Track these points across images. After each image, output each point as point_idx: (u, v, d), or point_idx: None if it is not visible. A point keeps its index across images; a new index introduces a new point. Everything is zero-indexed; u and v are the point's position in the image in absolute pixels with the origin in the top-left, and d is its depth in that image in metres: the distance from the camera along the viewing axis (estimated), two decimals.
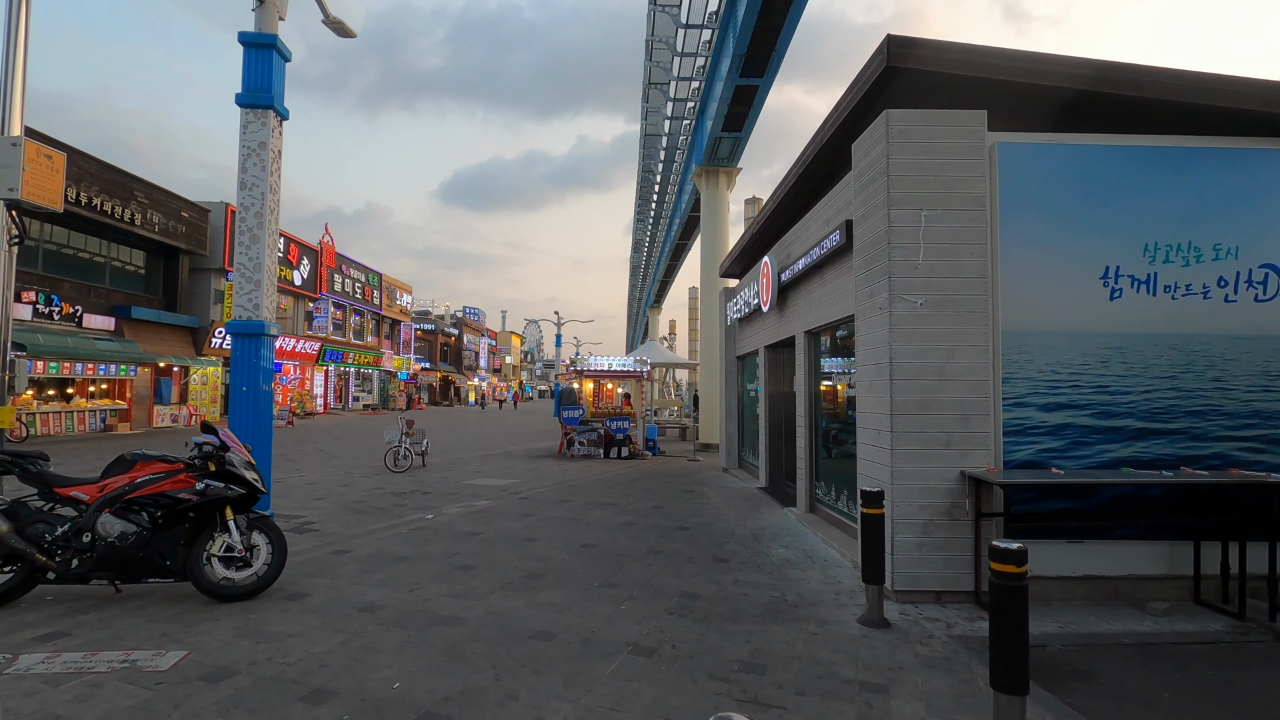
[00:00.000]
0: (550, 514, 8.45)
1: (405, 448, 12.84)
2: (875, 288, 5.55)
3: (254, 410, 7.17)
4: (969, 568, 5.15)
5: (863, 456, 5.84)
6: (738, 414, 13.91)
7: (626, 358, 17.78)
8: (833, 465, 7.89)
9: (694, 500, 9.76)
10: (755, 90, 15.17)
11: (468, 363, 68.58)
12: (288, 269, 32.30)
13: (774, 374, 10.97)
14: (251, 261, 7.26)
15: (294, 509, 8.49)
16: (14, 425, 17.24)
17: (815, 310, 8.00)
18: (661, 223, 33.70)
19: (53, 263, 20.50)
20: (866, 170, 5.72)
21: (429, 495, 9.78)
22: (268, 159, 7.31)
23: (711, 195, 19.62)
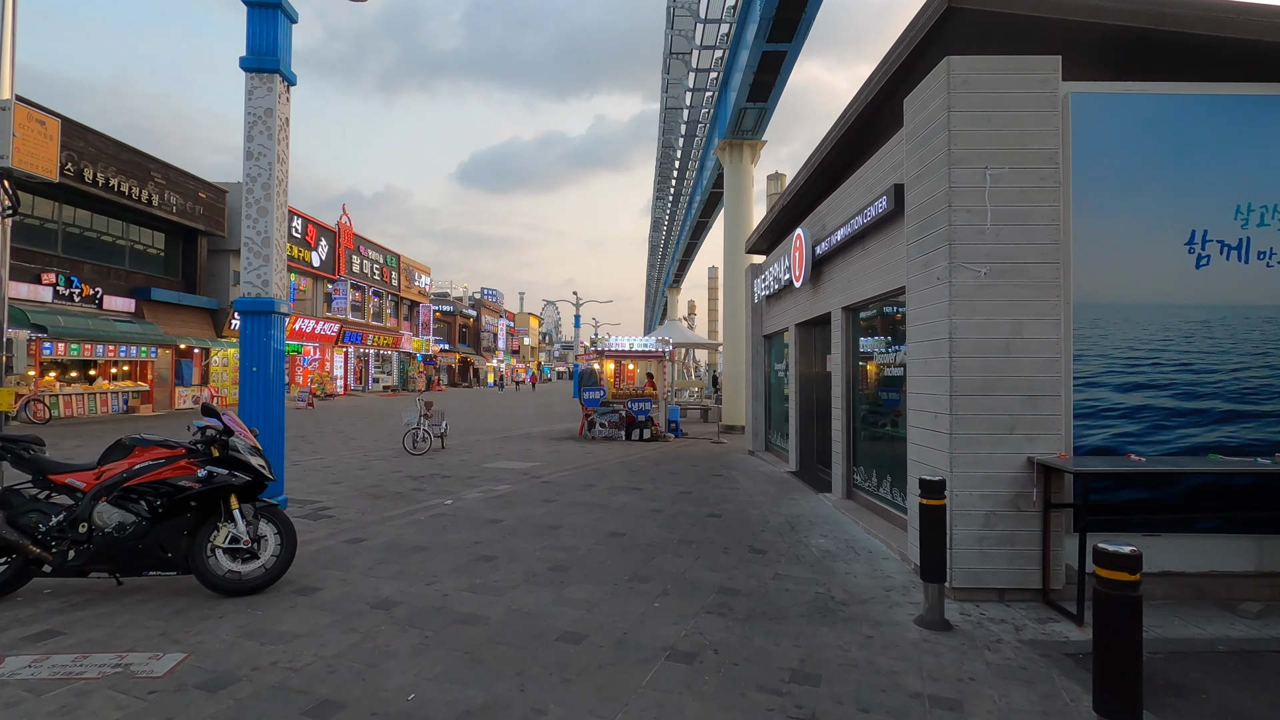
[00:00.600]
0: (574, 499, 8.10)
1: (424, 430, 12.57)
2: (932, 256, 5.04)
3: (265, 391, 6.85)
4: (1035, 564, 4.69)
5: (915, 441, 5.37)
6: (764, 395, 13.44)
7: (648, 338, 17.34)
8: (873, 449, 7.42)
9: (723, 485, 9.35)
10: (783, 57, 14.49)
11: (486, 344, 68.58)
12: (306, 250, 32.17)
13: (805, 353, 10.48)
14: (259, 235, 6.90)
15: (309, 493, 8.22)
16: (36, 407, 17.31)
17: (855, 284, 7.49)
18: (681, 200, 33.01)
19: (72, 244, 20.44)
20: (923, 126, 5.18)
21: (448, 479, 9.48)
22: (274, 126, 6.91)
23: (735, 169, 18.98)
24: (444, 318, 57.74)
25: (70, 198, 20.05)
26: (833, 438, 8.32)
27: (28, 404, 17.02)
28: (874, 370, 7.33)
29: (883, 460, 7.09)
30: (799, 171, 9.51)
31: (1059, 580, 4.69)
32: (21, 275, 18.32)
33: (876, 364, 7.22)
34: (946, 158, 4.81)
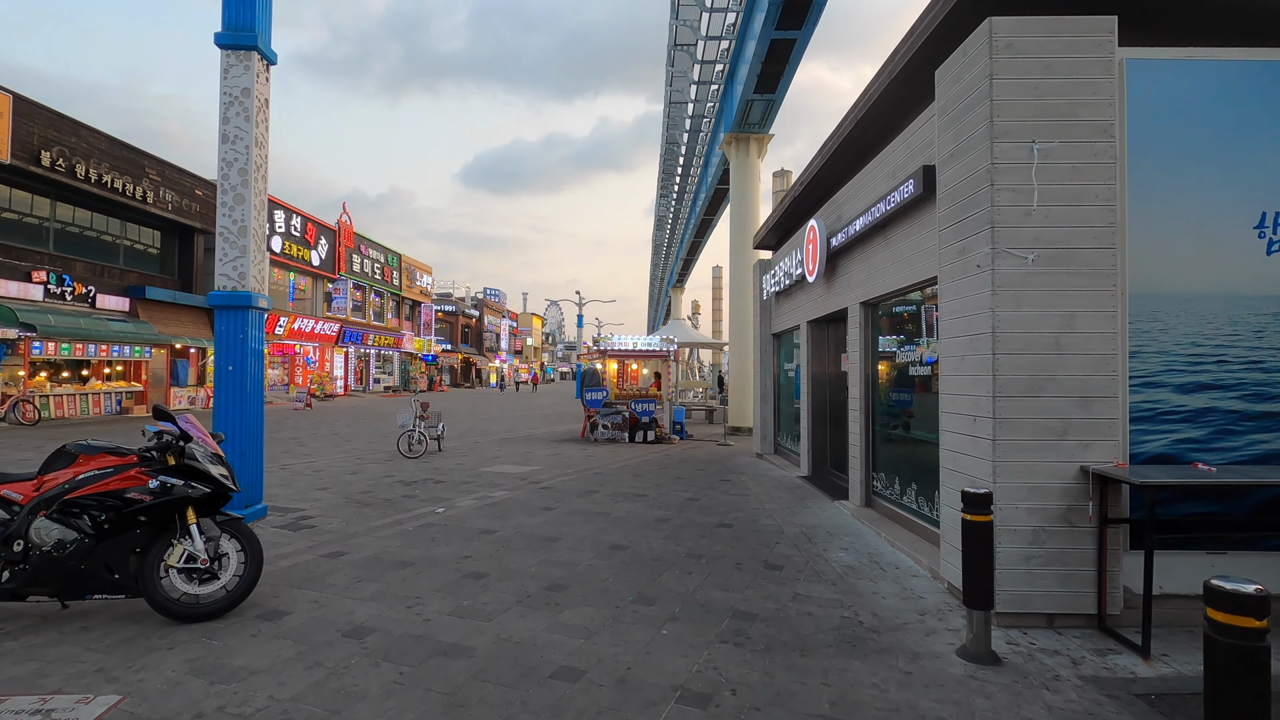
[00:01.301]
0: (574, 507, 7.60)
1: (420, 432, 12.09)
2: (970, 241, 4.53)
3: (241, 393, 6.37)
4: (1090, 585, 4.18)
5: (949, 448, 4.86)
6: (773, 396, 12.93)
7: (652, 337, 16.84)
8: (895, 454, 6.91)
9: (731, 491, 8.84)
10: (792, 45, 13.98)
11: (489, 344, 68.14)
12: (306, 249, 31.77)
13: (818, 351, 9.97)
14: (235, 224, 6.43)
15: (293, 500, 7.74)
16: (25, 408, 16.88)
17: (876, 277, 6.98)
18: (686, 198, 32.50)
19: (64, 242, 20.03)
20: (960, 97, 4.67)
21: (442, 485, 8.99)
22: (252, 107, 6.44)
23: (741, 164, 18.47)
24: (446, 318, 57.32)
25: (63, 194, 19.64)
26: (850, 442, 7.81)
27: (16, 405, 16.60)
28: (896, 370, 6.82)
29: (906, 466, 6.58)
30: (812, 159, 9.01)
31: (1116, 604, 4.17)
32: (11, 273, 17.91)
33: (899, 362, 6.71)
34: (988, 130, 4.30)
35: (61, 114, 18.65)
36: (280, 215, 29.43)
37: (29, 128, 17.68)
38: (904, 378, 6.63)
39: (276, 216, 29.11)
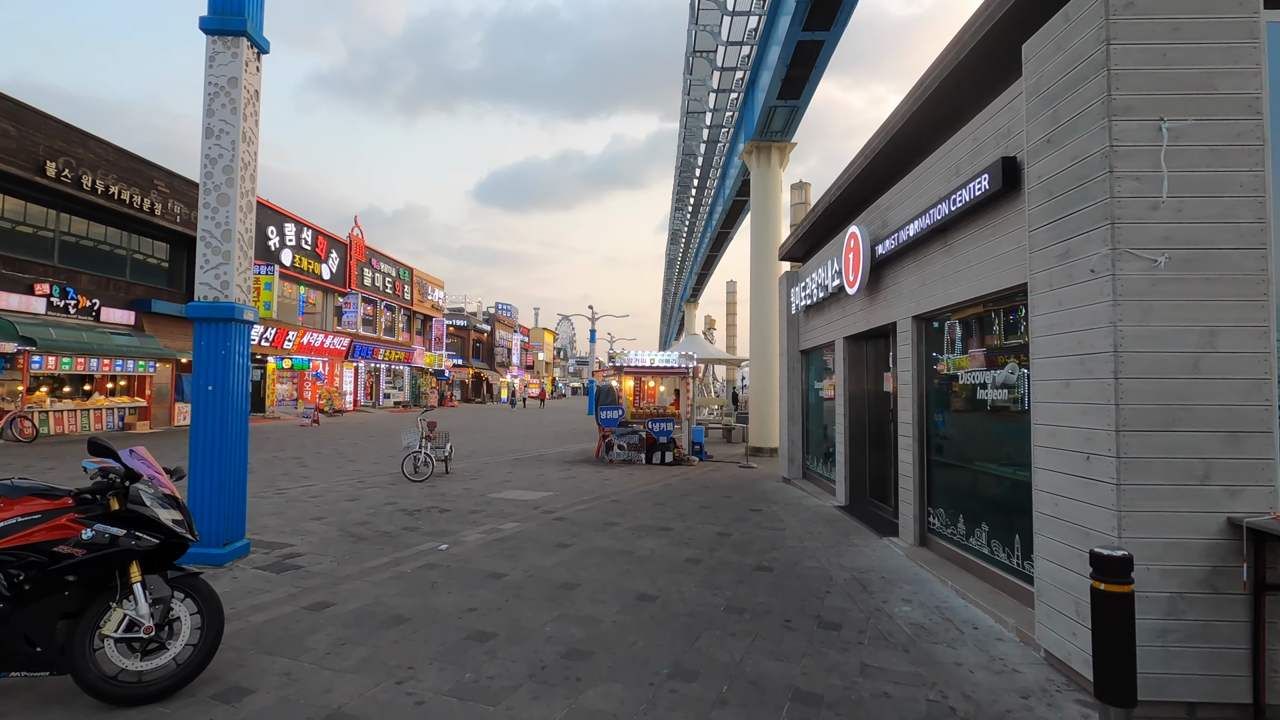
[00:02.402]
0: (592, 543, 6.83)
1: (426, 453, 11.37)
2: (1078, 242, 3.76)
3: (221, 416, 5.68)
4: (1243, 668, 3.35)
5: (1048, 489, 4.05)
6: (801, 417, 12.11)
7: (670, 352, 16.09)
8: (959, 487, 6.09)
9: (764, 523, 8.03)
10: (819, 47, 13.32)
11: (500, 359, 67.67)
12: (316, 263, 31.41)
13: (856, 370, 9.17)
14: (219, 228, 5.77)
15: (283, 533, 7.02)
16: (23, 425, 16.36)
17: (934, 288, 6.21)
18: (702, 211, 31.87)
19: (70, 254, 19.62)
20: (1061, 71, 3.92)
21: (448, 514, 8.24)
22: (239, 99, 5.80)
23: (763, 174, 17.79)
24: (458, 332, 56.92)
25: (68, 205, 19.26)
26: (900, 472, 7.00)
27: (13, 421, 16.08)
28: (959, 392, 6.02)
29: (973, 503, 5.76)
30: (853, 160, 8.28)
31: (1278, 692, 3.34)
32: (13, 286, 17.47)
33: (963, 384, 5.91)
34: (1104, 107, 3.54)
35: (68, 124, 18.32)
36: (291, 228, 29.08)
37: (34, 138, 17.34)
38: (969, 401, 5.83)
39: (287, 230, 28.77)
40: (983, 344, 5.66)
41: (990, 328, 5.56)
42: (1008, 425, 5.23)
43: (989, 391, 5.45)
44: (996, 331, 5.46)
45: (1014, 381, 5.10)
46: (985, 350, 5.61)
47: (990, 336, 5.55)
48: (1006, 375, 5.18)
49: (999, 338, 5.41)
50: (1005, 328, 5.30)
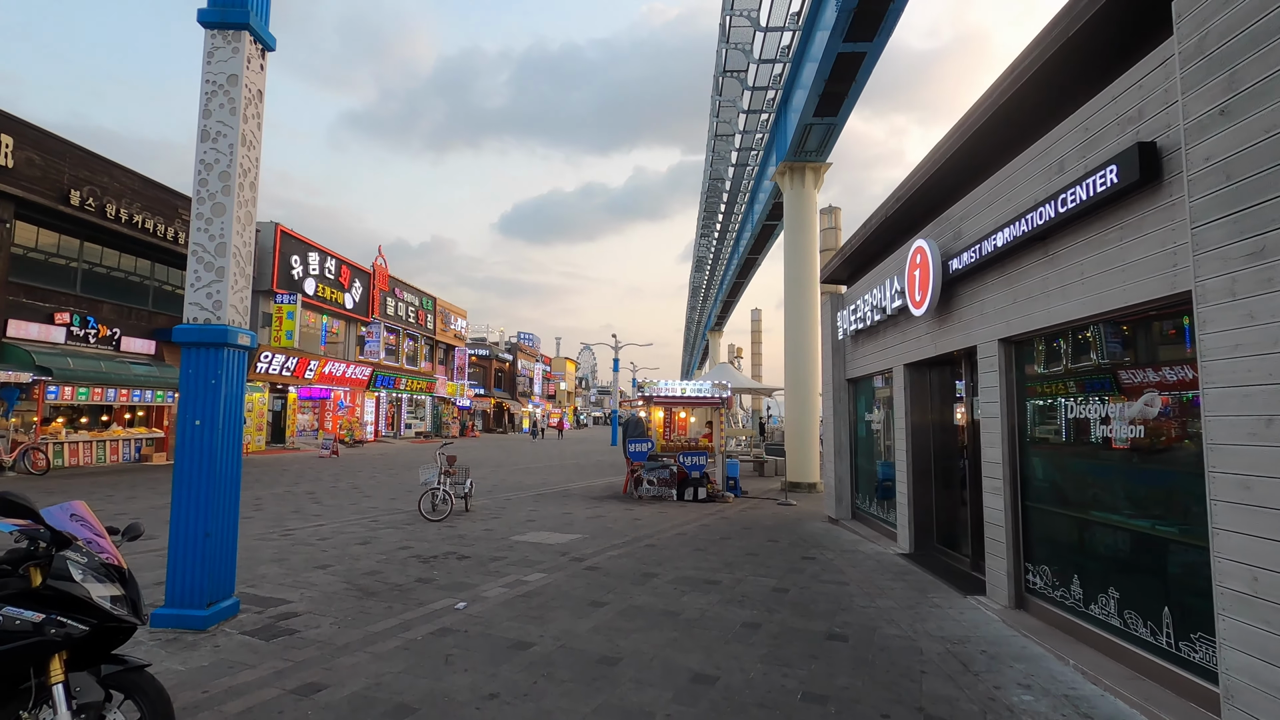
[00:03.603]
0: (631, 601, 5.94)
1: (445, 490, 10.58)
2: (1277, 237, 2.89)
3: (209, 456, 4.94)
4: None
5: (1239, 558, 3.10)
6: (849, 452, 11.14)
7: (702, 381, 15.24)
8: (1069, 540, 5.13)
9: (823, 576, 7.07)
10: (861, 60, 12.64)
11: (522, 389, 67.20)
12: (340, 292, 31.25)
13: (919, 400, 8.25)
14: (213, 241, 5.11)
15: (281, 584, 6.22)
16: (36, 456, 15.92)
17: (1029, 305, 5.33)
18: (729, 236, 31.23)
19: (91, 283, 19.44)
20: (1241, 22, 3.09)
21: (466, 562, 7.41)
22: (239, 99, 5.19)
23: (796, 195, 17.06)
24: (480, 362, 56.61)
25: (92, 234, 19.14)
26: (985, 518, 6.04)
27: (26, 453, 15.64)
28: (1069, 426, 5.09)
29: (1094, 562, 4.79)
30: (918, 168, 7.48)
31: None
32: (32, 314, 17.24)
33: (1077, 418, 4.99)
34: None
35: (92, 153, 18.27)
36: (314, 257, 28.96)
37: (59, 166, 17.25)
38: (1082, 438, 4.91)
39: (311, 259, 28.64)
40: (1102, 369, 4.76)
41: (1113, 350, 4.66)
42: (1143, 469, 4.31)
43: (1114, 427, 4.53)
44: (1123, 354, 4.57)
45: (1153, 415, 4.18)
46: (1105, 377, 4.70)
47: (1113, 360, 4.65)
48: (1142, 408, 4.27)
49: (1130, 361, 4.51)
50: (1142, 348, 4.40)
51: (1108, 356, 4.73)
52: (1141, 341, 4.46)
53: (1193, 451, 3.87)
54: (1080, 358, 5.03)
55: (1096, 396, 4.77)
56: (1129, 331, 4.55)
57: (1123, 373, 4.55)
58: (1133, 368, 4.48)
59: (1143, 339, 4.45)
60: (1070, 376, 5.12)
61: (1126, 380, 4.50)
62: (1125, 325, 4.55)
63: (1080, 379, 5.00)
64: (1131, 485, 4.49)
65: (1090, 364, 4.90)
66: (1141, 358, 4.43)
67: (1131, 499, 4.48)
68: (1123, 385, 4.52)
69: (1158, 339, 4.37)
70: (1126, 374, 4.52)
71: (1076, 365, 5.07)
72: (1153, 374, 4.28)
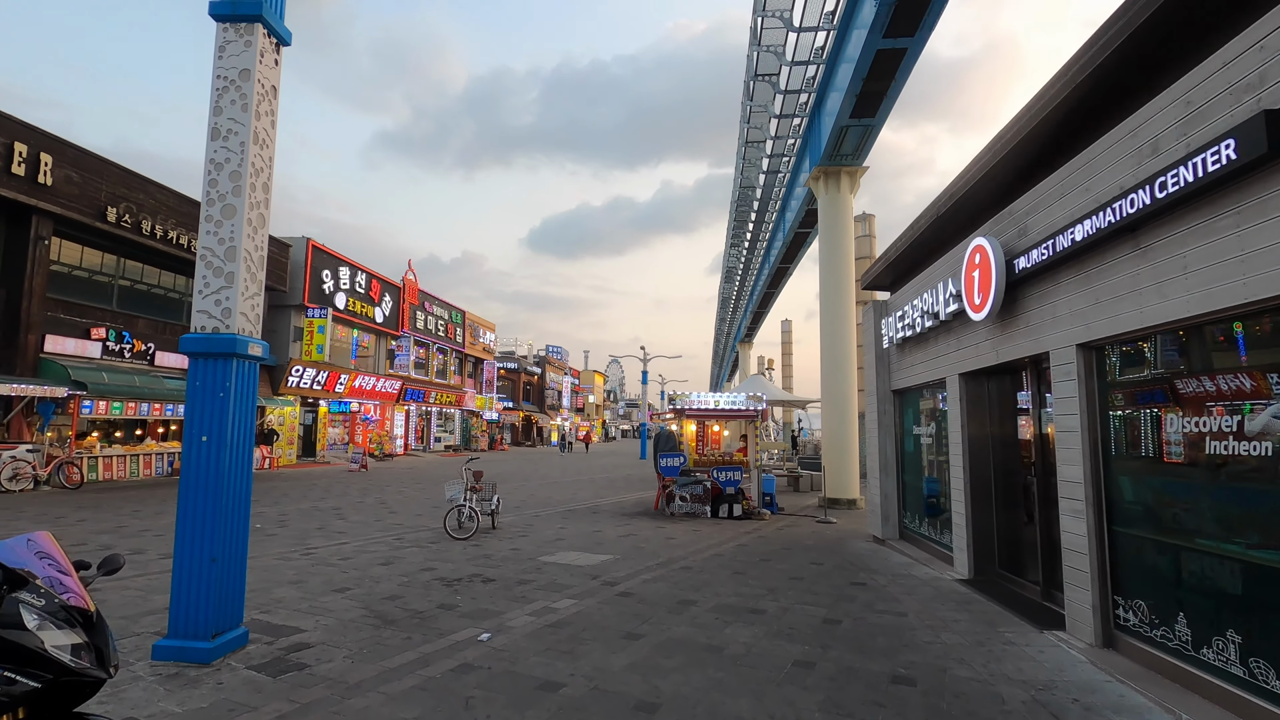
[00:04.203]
0: (669, 633, 5.44)
1: (471, 507, 10.20)
2: None
3: (216, 474, 4.60)
4: None
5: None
6: (896, 467, 10.50)
7: (736, 394, 14.69)
8: (1170, 570, 4.50)
9: (877, 604, 6.48)
10: (901, 56, 12.11)
11: (550, 402, 67.09)
12: (370, 306, 31.40)
13: (976, 412, 7.64)
14: (222, 245, 4.80)
15: (296, 611, 5.86)
16: (70, 470, 16.01)
17: (1115, 305, 4.75)
18: (759, 245, 30.66)
19: (128, 299, 19.69)
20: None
21: (491, 585, 6.98)
22: (252, 95, 4.89)
23: (832, 200, 16.50)
24: (508, 375, 56.65)
25: (128, 251, 19.41)
26: (1063, 543, 5.43)
27: (60, 467, 15.72)
28: (1175, 442, 4.48)
29: (1206, 599, 4.17)
30: (972, 164, 6.93)
31: None
32: (70, 330, 17.45)
33: (1186, 434, 4.38)
34: None
35: (129, 170, 18.52)
36: (345, 272, 29.14)
37: (96, 184, 17.49)
38: (1191, 455, 4.30)
39: (341, 273, 28.83)
40: (1208, 376, 4.16)
41: (1223, 353, 4.07)
42: (1270, 491, 3.70)
43: (1229, 443, 3.93)
44: (1239, 358, 3.97)
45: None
46: (1212, 385, 4.10)
47: (1225, 366, 4.06)
48: (1269, 420, 3.67)
49: (1247, 366, 3.91)
50: (1264, 351, 3.81)
51: (1217, 362, 4.14)
52: (1263, 343, 3.86)
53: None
54: (1180, 363, 4.43)
55: (1204, 408, 4.17)
56: (1244, 332, 3.96)
57: (1237, 379, 3.96)
58: (1251, 373, 3.88)
59: (1266, 340, 3.84)
60: (1166, 384, 4.53)
61: (1242, 388, 3.90)
62: (1240, 325, 3.96)
63: (1180, 387, 4.40)
64: (1254, 511, 3.88)
65: (1193, 370, 4.31)
66: (1262, 361, 3.83)
67: (1254, 527, 3.86)
68: (1237, 394, 3.92)
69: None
70: (1242, 381, 3.92)
71: (1174, 372, 4.47)
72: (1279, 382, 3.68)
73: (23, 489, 14.78)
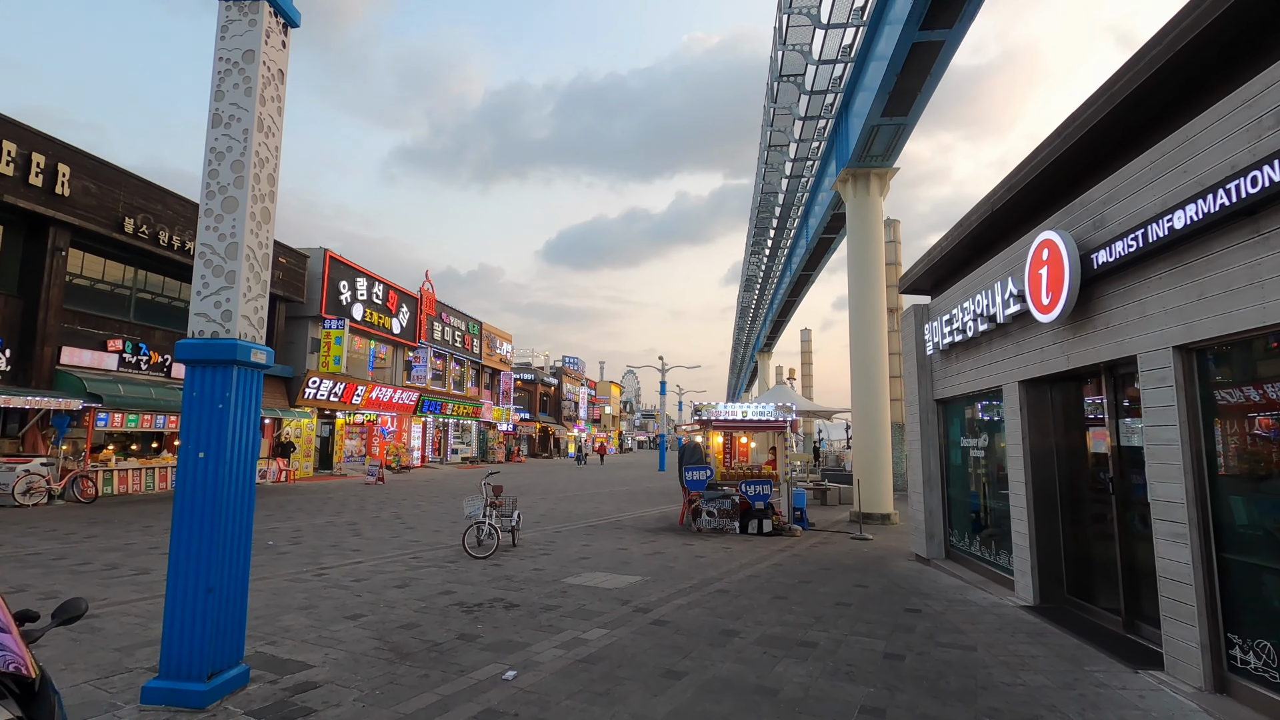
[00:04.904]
0: (713, 669, 4.88)
1: (490, 524, 9.71)
2: None
3: (213, 497, 4.13)
4: None
5: None
6: (940, 482, 9.86)
7: (764, 404, 14.12)
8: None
9: (938, 635, 5.87)
10: (938, 50, 11.57)
11: (567, 413, 66.67)
12: (387, 317, 31.18)
13: (1039, 423, 7.03)
14: (222, 241, 4.36)
15: (303, 643, 5.37)
16: (85, 484, 15.75)
17: (1227, 301, 4.17)
18: (780, 253, 30.09)
19: (145, 311, 19.54)
20: None
21: (515, 612, 6.46)
22: (256, 78, 4.48)
23: (861, 203, 15.94)
24: (525, 386, 56.34)
25: (145, 262, 19.28)
26: (1161, 573, 4.80)
27: (75, 481, 15.47)
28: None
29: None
30: (1037, 150, 6.37)
31: None
32: (86, 342, 17.28)
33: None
34: None
35: (147, 181, 18.40)
36: (362, 283, 28.97)
37: (114, 195, 17.38)
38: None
39: (359, 284, 28.65)
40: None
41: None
42: None
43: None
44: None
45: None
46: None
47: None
48: None
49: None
50: None
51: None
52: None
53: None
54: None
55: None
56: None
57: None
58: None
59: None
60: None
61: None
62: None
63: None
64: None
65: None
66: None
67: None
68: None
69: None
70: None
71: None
72: None
73: (36, 503, 14.52)
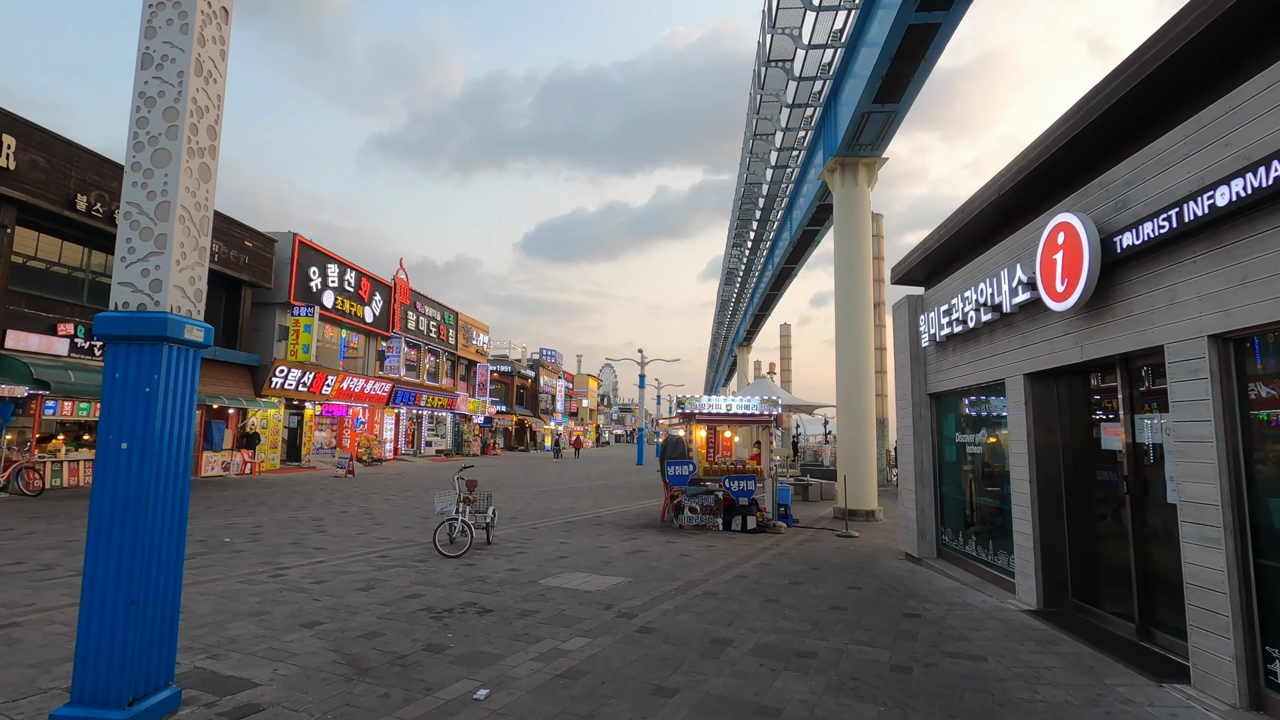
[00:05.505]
0: (707, 685, 4.43)
1: (463, 520, 9.17)
2: None
3: (137, 495, 3.56)
4: None
5: None
6: (933, 478, 9.54)
7: (749, 397, 13.72)
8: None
9: (943, 643, 5.49)
10: (933, 33, 11.21)
11: (544, 406, 65.94)
12: (360, 305, 30.26)
13: (1044, 418, 6.69)
14: (152, 200, 3.77)
15: (250, 656, 4.81)
16: (30, 476, 14.85)
17: (1267, 287, 3.80)
18: (763, 245, 29.76)
19: (100, 295, 18.52)
20: None
21: (488, 618, 5.96)
22: (194, 14, 3.88)
23: (849, 194, 15.60)
24: (502, 378, 55.50)
25: (100, 243, 18.26)
26: (1190, 580, 4.46)
27: (19, 473, 14.57)
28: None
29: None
30: (1051, 129, 5.99)
31: None
32: (33, 325, 16.29)
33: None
34: None
35: (102, 156, 17.40)
36: (334, 269, 28.02)
37: (66, 170, 16.38)
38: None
39: (330, 270, 27.71)
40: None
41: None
42: None
43: None
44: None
45: None
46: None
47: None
48: None
49: None
50: None
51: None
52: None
53: None
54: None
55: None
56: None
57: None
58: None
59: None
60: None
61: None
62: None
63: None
64: None
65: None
66: None
67: None
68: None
69: None
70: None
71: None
72: None
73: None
